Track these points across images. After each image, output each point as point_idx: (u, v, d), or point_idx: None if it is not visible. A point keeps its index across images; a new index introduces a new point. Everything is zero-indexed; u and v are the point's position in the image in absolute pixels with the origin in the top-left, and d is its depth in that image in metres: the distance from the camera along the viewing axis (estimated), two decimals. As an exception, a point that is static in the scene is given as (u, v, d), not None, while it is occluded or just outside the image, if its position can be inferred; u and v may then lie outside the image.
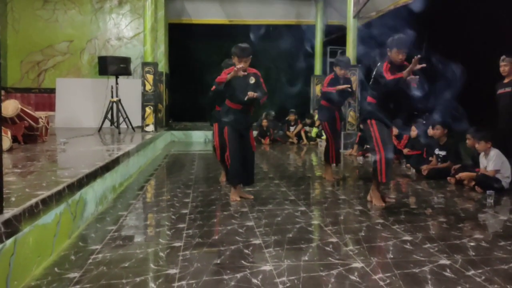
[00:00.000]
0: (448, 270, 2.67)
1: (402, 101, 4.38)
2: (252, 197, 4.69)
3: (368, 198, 4.58)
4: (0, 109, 2.41)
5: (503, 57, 5.59)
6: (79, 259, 2.82)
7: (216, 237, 3.31)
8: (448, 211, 4.19)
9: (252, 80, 4.47)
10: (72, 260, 2.80)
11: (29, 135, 6.24)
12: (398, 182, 6.06)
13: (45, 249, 2.75)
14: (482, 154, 5.35)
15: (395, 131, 7.82)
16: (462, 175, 5.44)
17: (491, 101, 5.83)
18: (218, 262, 2.79)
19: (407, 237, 3.35)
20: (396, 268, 2.70)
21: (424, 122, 7.68)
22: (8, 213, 2.35)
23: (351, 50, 9.52)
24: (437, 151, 6.30)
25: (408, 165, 7.00)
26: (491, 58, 5.91)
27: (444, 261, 2.83)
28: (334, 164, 6.03)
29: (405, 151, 7.39)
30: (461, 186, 5.43)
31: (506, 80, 5.59)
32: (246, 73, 4.34)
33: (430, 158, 6.48)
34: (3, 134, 5.06)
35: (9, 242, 2.27)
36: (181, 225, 3.60)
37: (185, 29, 13.02)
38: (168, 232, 3.44)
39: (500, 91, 5.68)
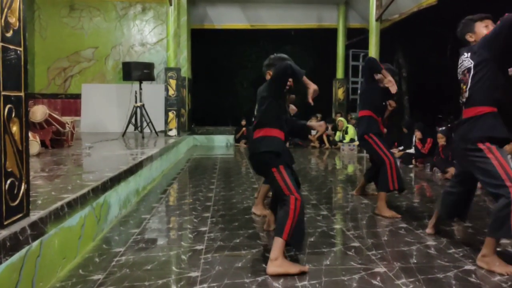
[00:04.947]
0: (473, 276, 2.61)
1: None
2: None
3: None
4: (28, 114, 2.48)
5: None
6: (103, 262, 2.86)
7: (238, 241, 3.32)
8: (474, 216, 4.10)
9: None
10: (96, 262, 2.85)
11: (56, 139, 6.38)
12: (422, 186, 5.97)
13: (70, 251, 2.81)
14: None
15: (419, 134, 7.72)
16: None
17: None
18: (240, 265, 2.80)
19: (431, 242, 3.29)
20: (419, 273, 2.66)
21: (449, 125, 7.55)
22: (35, 215, 2.40)
23: (373, 53, 9.49)
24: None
25: (435, 168, 6.90)
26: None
27: (469, 267, 2.77)
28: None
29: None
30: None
31: None
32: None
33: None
34: (32, 138, 5.20)
35: (35, 244, 2.32)
36: (203, 228, 3.63)
37: (208, 35, 13.16)
38: (190, 235, 3.46)
39: None
